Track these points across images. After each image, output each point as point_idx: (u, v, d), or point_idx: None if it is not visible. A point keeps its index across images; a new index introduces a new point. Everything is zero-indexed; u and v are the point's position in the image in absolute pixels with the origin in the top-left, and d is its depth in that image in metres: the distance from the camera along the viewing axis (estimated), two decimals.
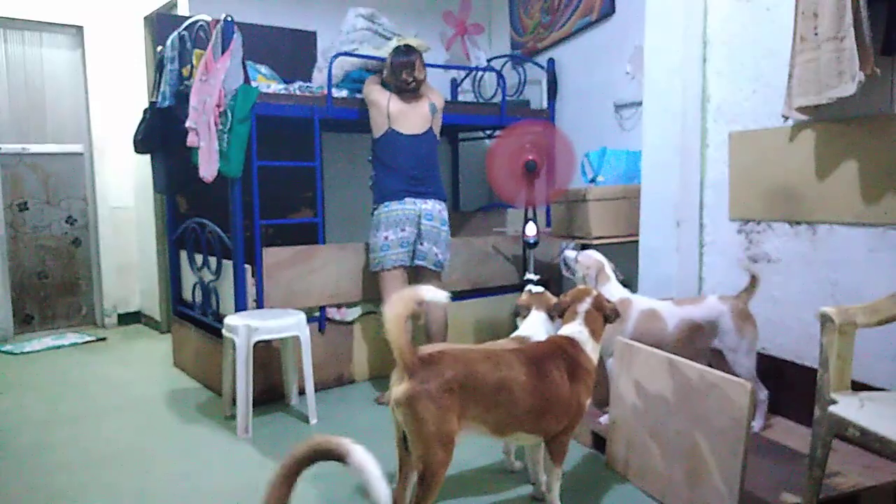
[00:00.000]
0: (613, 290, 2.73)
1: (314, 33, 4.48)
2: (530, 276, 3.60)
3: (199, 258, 3.69)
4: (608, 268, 2.81)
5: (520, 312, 2.56)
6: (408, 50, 3.35)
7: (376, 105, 3.35)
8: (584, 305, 2.18)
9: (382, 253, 3.31)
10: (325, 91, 3.53)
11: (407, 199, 3.30)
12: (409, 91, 3.35)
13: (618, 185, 3.73)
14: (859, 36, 2.24)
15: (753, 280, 2.63)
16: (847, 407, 1.86)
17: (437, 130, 3.45)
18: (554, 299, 2.52)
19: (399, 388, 1.88)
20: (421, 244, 3.34)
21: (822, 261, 2.63)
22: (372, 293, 3.62)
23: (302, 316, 3.08)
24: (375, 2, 4.92)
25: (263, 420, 3.12)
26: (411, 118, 3.33)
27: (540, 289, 2.67)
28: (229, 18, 3.17)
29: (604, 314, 2.18)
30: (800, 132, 2.67)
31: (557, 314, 2.42)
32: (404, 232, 3.29)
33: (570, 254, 2.91)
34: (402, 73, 3.31)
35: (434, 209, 3.35)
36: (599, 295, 2.23)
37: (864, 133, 2.45)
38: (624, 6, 4.05)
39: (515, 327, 2.55)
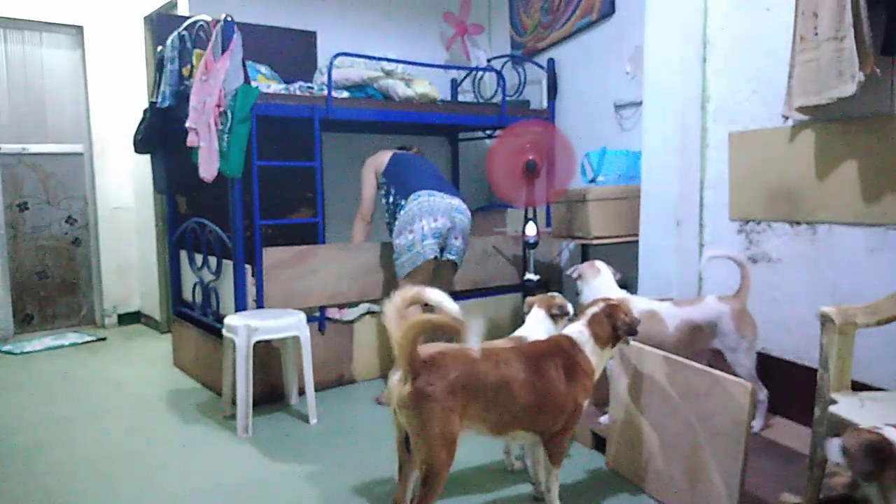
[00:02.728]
0: (611, 292, 2.71)
1: (314, 33, 4.47)
2: (530, 276, 3.60)
3: (199, 258, 3.69)
4: (602, 265, 2.78)
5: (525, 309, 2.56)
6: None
7: (375, 164, 3.55)
8: (594, 309, 2.16)
9: (423, 243, 3.16)
10: (326, 91, 3.54)
11: (436, 192, 3.32)
12: None
13: (618, 185, 3.73)
14: (859, 36, 2.24)
15: (743, 272, 2.62)
16: (847, 407, 1.87)
17: None
18: (560, 301, 2.50)
19: (403, 389, 1.87)
20: (455, 238, 3.37)
21: (822, 261, 2.63)
22: (372, 293, 3.62)
23: (302, 316, 3.08)
24: (377, 2, 4.94)
25: (263, 420, 3.12)
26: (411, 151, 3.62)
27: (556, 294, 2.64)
28: (229, 18, 3.17)
29: (613, 324, 2.10)
30: (800, 132, 2.66)
31: (562, 315, 2.42)
32: (437, 222, 3.23)
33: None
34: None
35: (461, 205, 3.42)
36: (619, 305, 2.15)
37: (864, 133, 2.45)
38: (624, 6, 4.05)
39: (521, 324, 2.55)
